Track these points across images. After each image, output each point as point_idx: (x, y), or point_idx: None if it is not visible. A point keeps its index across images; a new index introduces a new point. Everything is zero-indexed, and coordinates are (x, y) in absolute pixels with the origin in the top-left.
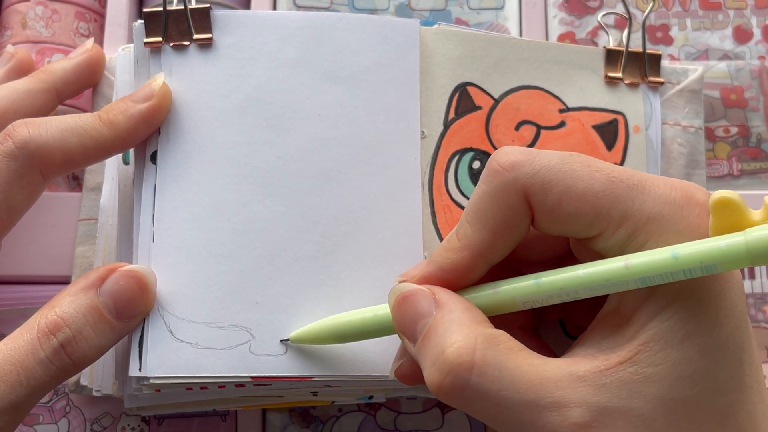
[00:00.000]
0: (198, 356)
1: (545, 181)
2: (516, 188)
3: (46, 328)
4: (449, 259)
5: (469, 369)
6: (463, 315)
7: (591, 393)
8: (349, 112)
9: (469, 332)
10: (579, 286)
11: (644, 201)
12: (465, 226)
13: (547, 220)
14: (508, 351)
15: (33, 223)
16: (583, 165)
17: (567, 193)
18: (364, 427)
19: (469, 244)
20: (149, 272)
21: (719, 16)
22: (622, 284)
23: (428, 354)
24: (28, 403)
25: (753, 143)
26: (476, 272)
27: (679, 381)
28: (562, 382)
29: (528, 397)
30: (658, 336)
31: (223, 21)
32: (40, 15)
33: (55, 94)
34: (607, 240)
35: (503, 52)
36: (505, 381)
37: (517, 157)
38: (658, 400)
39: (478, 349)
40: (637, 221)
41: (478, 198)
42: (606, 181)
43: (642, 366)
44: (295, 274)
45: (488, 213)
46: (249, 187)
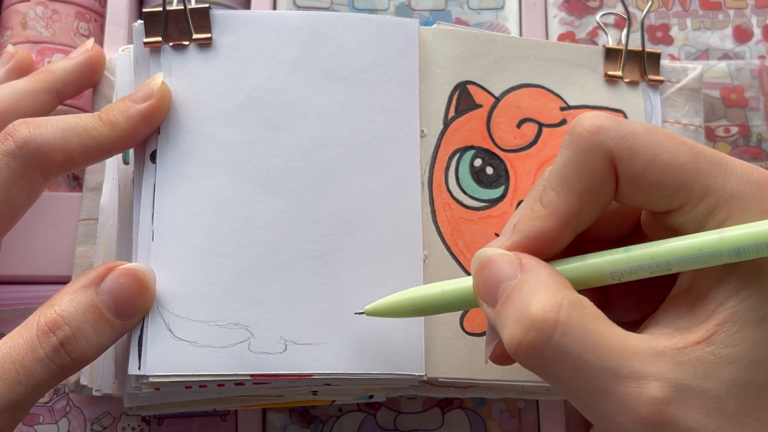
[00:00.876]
0: (197, 354)
1: (632, 147)
2: (603, 152)
3: (45, 326)
4: (536, 227)
5: (552, 326)
6: (550, 278)
7: (670, 369)
8: (348, 111)
9: (555, 293)
10: (671, 256)
11: (727, 178)
12: (550, 193)
13: (631, 188)
14: (593, 316)
15: (33, 223)
16: (668, 137)
17: (652, 161)
18: (364, 426)
19: (555, 211)
20: (149, 270)
21: (719, 16)
22: (715, 256)
23: (510, 313)
24: (28, 402)
25: (753, 143)
26: (563, 240)
27: (753, 364)
28: (643, 355)
29: (608, 363)
30: (735, 317)
31: (222, 21)
32: (40, 15)
33: (55, 94)
34: (687, 214)
35: (503, 50)
36: (588, 344)
37: (603, 122)
38: (732, 383)
39: (563, 309)
40: (719, 197)
41: (563, 164)
42: (691, 154)
43: (719, 346)
44: (295, 272)
45: (574, 178)
46: (248, 186)
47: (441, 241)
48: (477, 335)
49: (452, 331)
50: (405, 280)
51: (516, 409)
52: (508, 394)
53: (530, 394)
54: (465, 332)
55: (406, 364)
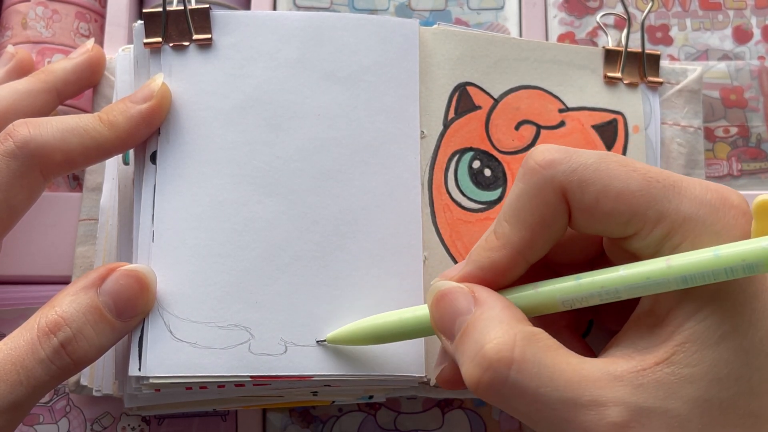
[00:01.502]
0: (197, 356)
1: (583, 179)
2: (554, 186)
3: (46, 327)
4: (489, 258)
5: (508, 365)
6: (503, 312)
7: (629, 393)
8: (348, 112)
9: (509, 329)
10: (620, 284)
11: (680, 201)
12: (503, 225)
13: (584, 219)
14: (547, 349)
15: (33, 223)
16: (620, 164)
17: (604, 191)
18: (364, 427)
19: (508, 243)
20: (149, 271)
21: (719, 17)
22: (663, 283)
23: (466, 351)
24: (28, 403)
25: (753, 143)
26: (516, 271)
27: (714, 382)
28: (600, 381)
29: (566, 394)
30: (694, 337)
31: (222, 21)
32: (40, 15)
33: (55, 95)
34: (643, 240)
35: (503, 52)
36: (544, 378)
37: (554, 155)
38: (694, 401)
39: (517, 346)
40: (674, 221)
41: (516, 196)
42: (643, 180)
43: (678, 366)
44: (295, 273)
45: (526, 211)
46: (248, 187)
47: (440, 243)
48: None
49: None
50: (405, 281)
51: None
52: None
53: None
54: None
55: (406, 365)
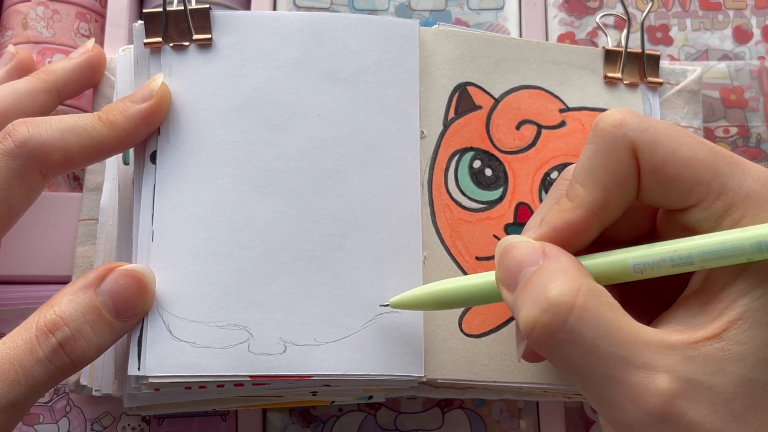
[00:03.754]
0: (197, 355)
1: (653, 139)
2: (625, 143)
3: (44, 327)
4: (563, 219)
5: (568, 310)
6: (570, 265)
7: (680, 362)
8: (348, 112)
9: (574, 279)
10: (693, 250)
11: (744, 178)
12: (576, 187)
13: (651, 182)
14: (609, 305)
15: (33, 223)
16: (688, 135)
17: (672, 155)
18: (364, 426)
19: (582, 203)
20: (148, 271)
21: (719, 17)
22: (737, 251)
23: (528, 296)
24: (27, 402)
25: (753, 143)
26: (590, 232)
27: (761, 362)
28: (654, 347)
29: (620, 351)
30: (746, 315)
31: (222, 21)
32: (41, 15)
33: (55, 94)
34: (704, 211)
35: (503, 52)
36: (602, 330)
37: (625, 116)
38: (740, 380)
39: (581, 294)
40: (735, 195)
41: (587, 158)
42: (709, 152)
43: (728, 343)
44: (294, 273)
45: (599, 171)
46: (248, 187)
47: (440, 243)
48: (475, 336)
49: (451, 332)
50: (404, 280)
51: (516, 409)
52: (506, 395)
53: (528, 396)
54: (464, 334)
55: (405, 365)
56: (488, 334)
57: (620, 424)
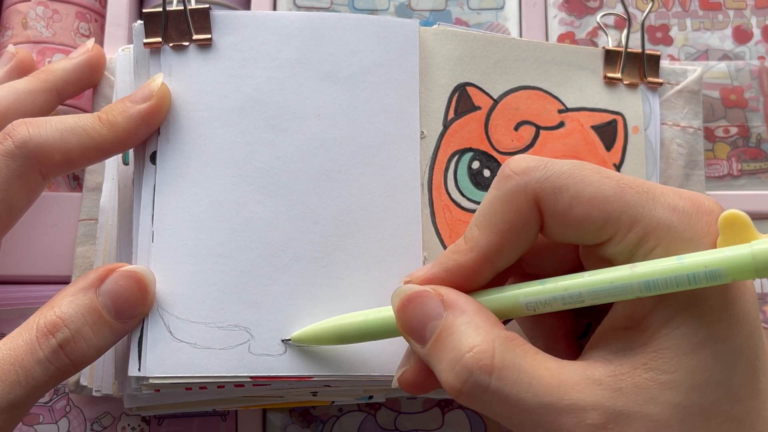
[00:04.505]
0: (197, 356)
1: (556, 185)
2: (526, 192)
3: (45, 328)
4: (455, 261)
5: (489, 373)
6: (477, 317)
7: (607, 397)
8: (348, 112)
9: (487, 335)
10: (583, 289)
11: (654, 207)
12: (473, 230)
13: (558, 225)
14: (525, 353)
15: (33, 223)
16: (593, 171)
17: (577, 197)
18: (365, 427)
19: (475, 246)
20: (148, 272)
21: (719, 17)
22: (626, 289)
23: (444, 357)
24: (27, 403)
25: (753, 143)
26: (481, 276)
27: (694, 388)
28: (578, 385)
29: (545, 399)
30: (669, 343)
31: (222, 21)
32: (40, 15)
33: (55, 94)
34: (617, 245)
35: (503, 52)
36: (524, 384)
37: (529, 163)
38: (674, 407)
39: (497, 352)
40: (647, 226)
41: (488, 202)
42: (616, 186)
43: (657, 372)
44: (295, 274)
45: (497, 216)
46: (248, 188)
47: (440, 243)
48: None
49: None
50: None
51: None
52: None
53: None
54: None
55: None
56: None
57: None
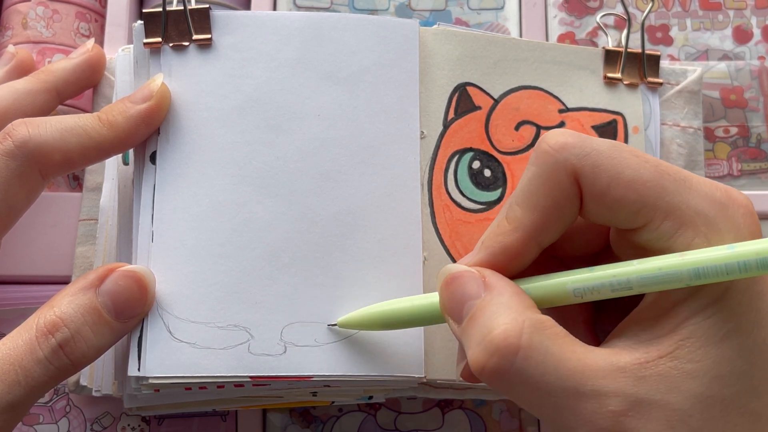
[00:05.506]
0: (197, 356)
1: (595, 164)
2: (566, 168)
3: (44, 327)
4: (500, 242)
5: (514, 352)
6: (512, 299)
7: (630, 384)
8: (348, 112)
9: (517, 315)
10: (632, 275)
11: (691, 196)
12: (515, 209)
13: (595, 205)
14: (554, 337)
15: (33, 223)
16: (632, 154)
17: (616, 178)
18: (365, 427)
19: (520, 226)
20: (148, 272)
21: (719, 17)
22: (675, 276)
23: (474, 335)
24: (27, 403)
25: (753, 143)
26: (527, 255)
27: (717, 379)
28: (602, 372)
29: (569, 383)
30: (698, 333)
31: (222, 21)
32: (40, 15)
33: (55, 94)
34: (652, 232)
35: (503, 52)
36: (549, 366)
37: (567, 139)
38: (696, 397)
39: (524, 333)
40: (683, 214)
41: (528, 180)
42: (655, 171)
43: (681, 361)
44: (295, 274)
45: (539, 194)
46: (248, 188)
47: (440, 243)
48: None
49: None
50: (405, 281)
51: (516, 409)
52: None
53: None
54: None
55: (405, 366)
56: None
57: None
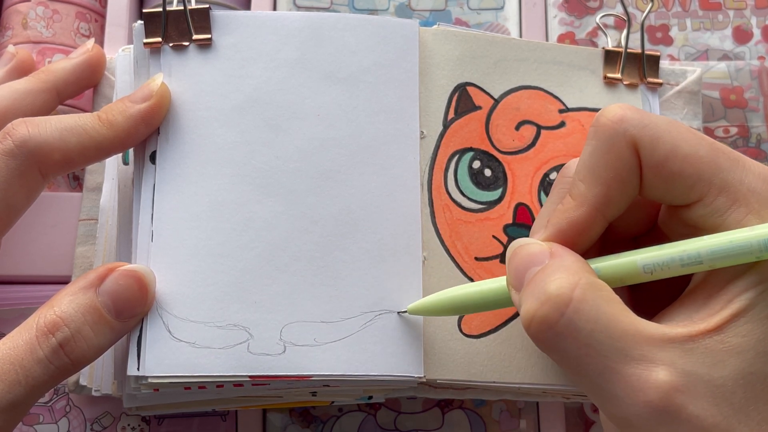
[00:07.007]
0: (196, 356)
1: (654, 135)
2: (626, 139)
3: (45, 327)
4: (567, 218)
5: (566, 303)
6: (572, 263)
7: (678, 356)
8: (348, 112)
9: (575, 274)
10: (702, 249)
11: (745, 174)
12: (578, 185)
13: (652, 177)
14: (608, 299)
15: (33, 223)
16: (689, 131)
17: (674, 151)
18: (364, 426)
19: (585, 201)
20: (149, 272)
21: (719, 17)
22: (745, 248)
23: (530, 292)
24: (27, 403)
25: (753, 143)
26: (595, 229)
27: (761, 356)
28: (654, 340)
29: (619, 344)
30: (748, 308)
31: (222, 21)
32: (40, 15)
33: (55, 94)
34: (706, 207)
35: (503, 52)
36: (600, 323)
37: (626, 112)
38: (739, 373)
39: (579, 287)
40: (737, 192)
41: (589, 154)
42: (710, 149)
43: (728, 335)
44: (294, 273)
45: (600, 167)
46: (248, 187)
47: (440, 243)
48: (475, 337)
49: (450, 333)
50: (404, 281)
51: (516, 409)
52: (505, 395)
53: (527, 396)
54: (463, 334)
55: (405, 365)
56: (487, 335)
57: (619, 417)
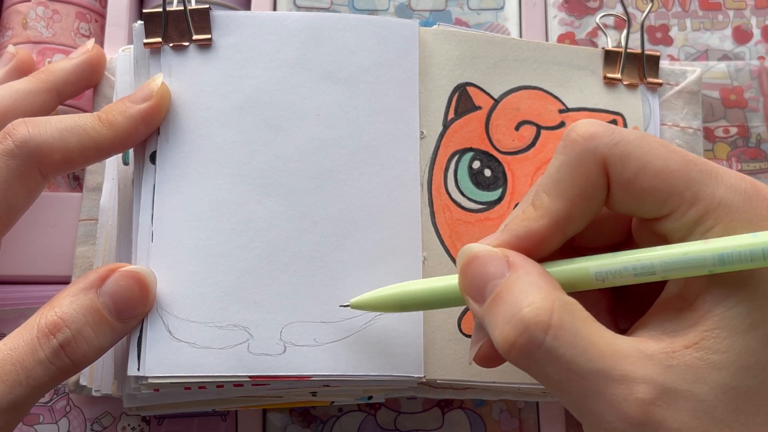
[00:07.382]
0: (196, 356)
1: (624, 153)
2: (595, 157)
3: (45, 328)
4: (525, 227)
5: (545, 330)
6: (540, 279)
7: (658, 372)
8: (348, 112)
9: (547, 295)
10: (656, 260)
11: (717, 186)
12: (542, 197)
13: (622, 194)
14: (584, 319)
15: (33, 223)
16: (661, 144)
17: (644, 167)
18: (365, 426)
19: (546, 213)
20: (149, 273)
21: (719, 17)
22: (699, 262)
23: (500, 313)
24: (28, 403)
25: (753, 143)
26: (552, 243)
27: (742, 370)
28: (631, 358)
29: (598, 366)
30: (723, 323)
31: (222, 21)
32: (41, 15)
33: (55, 95)
34: (677, 221)
35: (503, 52)
36: (579, 347)
37: (596, 128)
38: (721, 388)
39: (555, 312)
40: (708, 204)
41: (556, 168)
42: (682, 162)
43: (708, 352)
44: (294, 273)
45: (567, 182)
46: (248, 187)
47: (440, 243)
48: None
49: (450, 333)
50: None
51: (516, 409)
52: (504, 395)
53: (527, 396)
54: (463, 334)
55: (404, 365)
56: None
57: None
